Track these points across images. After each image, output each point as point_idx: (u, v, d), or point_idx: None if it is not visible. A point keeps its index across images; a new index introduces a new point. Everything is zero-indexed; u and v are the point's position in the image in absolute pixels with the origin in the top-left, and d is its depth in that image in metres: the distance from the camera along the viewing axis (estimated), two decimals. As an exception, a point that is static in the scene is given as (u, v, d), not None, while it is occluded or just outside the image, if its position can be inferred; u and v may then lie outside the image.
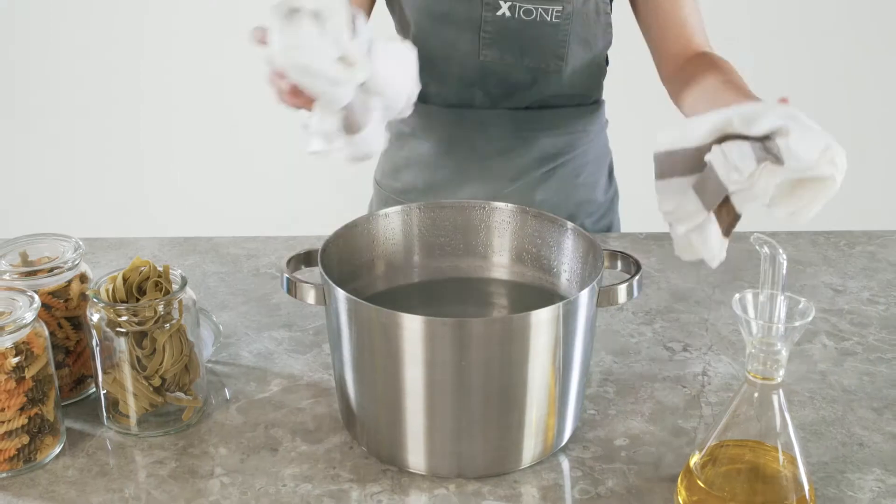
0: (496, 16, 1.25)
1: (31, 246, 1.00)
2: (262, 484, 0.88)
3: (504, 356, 0.84)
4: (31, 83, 2.96)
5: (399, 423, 0.87)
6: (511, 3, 1.24)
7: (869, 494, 0.87)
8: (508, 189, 1.36)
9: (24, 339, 0.87)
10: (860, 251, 1.33)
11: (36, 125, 3.00)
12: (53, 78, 2.94)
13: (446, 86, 1.32)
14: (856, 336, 1.12)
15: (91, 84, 2.94)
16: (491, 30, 1.26)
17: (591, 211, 1.43)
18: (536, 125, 1.35)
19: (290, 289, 0.91)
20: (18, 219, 2.81)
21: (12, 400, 0.87)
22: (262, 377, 1.04)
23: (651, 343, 1.11)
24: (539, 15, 1.25)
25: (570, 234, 0.98)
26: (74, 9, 2.86)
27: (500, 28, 1.26)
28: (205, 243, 1.35)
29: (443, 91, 1.33)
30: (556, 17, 1.25)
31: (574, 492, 0.87)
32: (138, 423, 0.94)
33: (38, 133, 3.00)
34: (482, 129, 1.34)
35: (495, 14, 1.25)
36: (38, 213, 2.94)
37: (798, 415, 0.98)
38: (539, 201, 1.38)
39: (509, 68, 1.29)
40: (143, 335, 0.92)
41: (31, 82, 2.96)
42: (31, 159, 3.02)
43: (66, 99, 2.96)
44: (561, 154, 1.38)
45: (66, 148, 3.00)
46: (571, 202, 1.41)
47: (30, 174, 3.03)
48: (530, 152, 1.36)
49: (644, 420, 0.97)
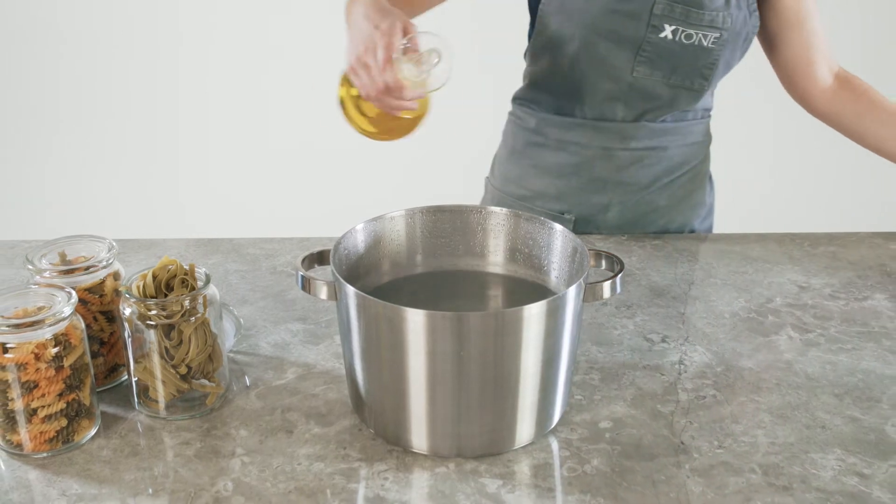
0: (658, 37, 1.23)
1: (69, 246, 1.00)
2: (279, 463, 0.88)
3: (499, 347, 0.84)
4: (72, 96, 2.96)
5: (403, 408, 0.87)
6: (675, 27, 1.22)
7: (830, 472, 0.87)
8: (637, 197, 1.35)
9: (62, 331, 0.87)
10: (823, 251, 1.33)
11: (75, 138, 3.00)
12: (92, 92, 2.94)
13: (593, 99, 1.30)
14: (819, 328, 1.12)
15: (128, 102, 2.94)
16: (650, 49, 1.24)
17: (701, 213, 1.43)
18: (668, 137, 1.34)
19: (305, 285, 0.91)
20: (58, 222, 2.81)
21: (52, 386, 0.87)
22: (279, 366, 1.04)
23: (632, 335, 1.10)
24: (698, 40, 1.23)
25: (559, 235, 0.98)
26: (112, 17, 2.85)
27: (659, 49, 1.24)
28: (227, 244, 1.35)
29: (587, 104, 1.31)
30: (712, 43, 1.24)
31: (563, 470, 0.87)
32: (166, 407, 0.94)
33: (76, 144, 3.00)
34: (620, 141, 1.32)
35: (658, 36, 1.23)
36: (75, 217, 2.94)
37: (766, 400, 0.97)
38: (663, 207, 1.37)
39: (655, 85, 1.28)
40: (171, 327, 0.91)
41: (72, 95, 2.96)
42: (71, 168, 3.02)
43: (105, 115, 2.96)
44: (686, 163, 1.38)
45: (101, 158, 3.01)
46: (687, 206, 1.41)
47: (69, 182, 3.03)
48: (661, 162, 1.35)
49: (626, 405, 0.97)
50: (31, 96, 2.97)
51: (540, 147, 1.36)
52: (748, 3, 1.26)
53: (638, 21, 1.22)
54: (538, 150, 1.37)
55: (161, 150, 3.00)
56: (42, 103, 2.97)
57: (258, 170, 2.94)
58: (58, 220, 2.91)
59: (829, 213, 2.76)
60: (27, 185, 3.04)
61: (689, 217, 1.41)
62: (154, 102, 2.94)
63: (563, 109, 1.33)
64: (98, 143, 3.00)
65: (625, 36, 1.24)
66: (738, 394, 0.99)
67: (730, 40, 1.25)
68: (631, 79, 1.27)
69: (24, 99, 2.97)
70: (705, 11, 1.22)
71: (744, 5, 1.26)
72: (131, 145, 2.99)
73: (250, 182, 2.96)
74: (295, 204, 2.86)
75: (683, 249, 1.33)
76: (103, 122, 2.97)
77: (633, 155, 1.33)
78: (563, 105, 1.33)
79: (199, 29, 2.80)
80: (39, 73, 2.93)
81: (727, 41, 1.25)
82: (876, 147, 1.34)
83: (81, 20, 2.86)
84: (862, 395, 0.99)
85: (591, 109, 1.31)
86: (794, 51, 1.33)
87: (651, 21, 1.22)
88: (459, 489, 0.84)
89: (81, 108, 2.97)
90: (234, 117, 2.87)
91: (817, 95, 1.36)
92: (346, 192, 2.78)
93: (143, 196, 2.99)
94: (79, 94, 2.95)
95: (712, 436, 0.92)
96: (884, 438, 0.91)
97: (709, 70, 1.27)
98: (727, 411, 0.96)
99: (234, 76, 2.82)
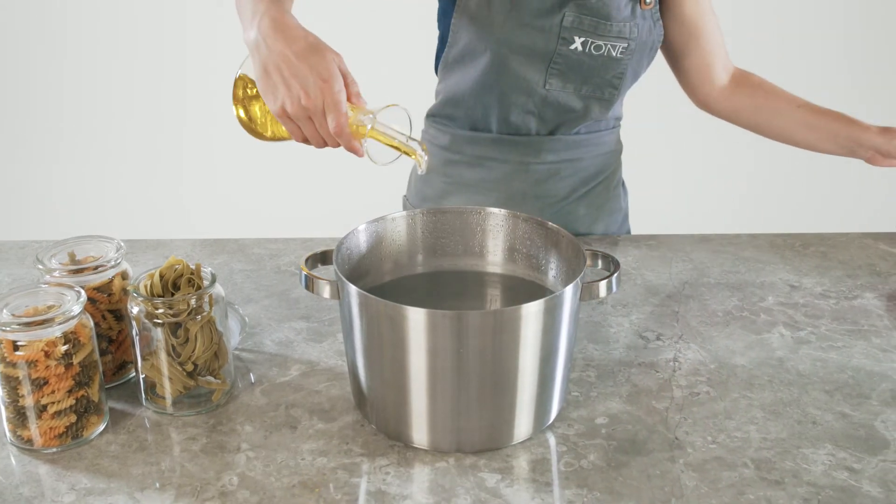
0: (569, 49, 1.23)
1: (78, 247, 1.00)
2: (283, 457, 0.88)
3: (497, 344, 0.84)
4: (81, 103, 2.96)
5: (404, 404, 0.87)
6: (585, 39, 1.22)
7: (821, 467, 0.87)
8: (555, 209, 1.35)
9: (71, 329, 0.87)
10: (813, 251, 1.33)
11: (84, 142, 3.00)
12: (100, 98, 2.94)
13: (506, 114, 1.29)
14: (810, 326, 1.12)
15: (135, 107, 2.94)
16: (561, 62, 1.24)
17: (618, 219, 1.44)
18: (583, 149, 1.34)
19: (308, 284, 0.91)
20: (68, 223, 2.81)
21: (61, 383, 0.87)
22: (283, 363, 1.04)
23: (628, 333, 1.10)
24: (607, 50, 1.23)
25: (557, 236, 0.98)
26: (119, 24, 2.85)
27: (570, 61, 1.24)
28: (232, 244, 1.35)
29: (502, 119, 1.30)
30: (621, 53, 1.25)
31: (560, 465, 0.87)
32: (173, 403, 0.94)
33: (86, 148, 3.00)
34: (536, 155, 1.31)
35: (568, 48, 1.23)
36: (84, 218, 2.94)
37: (758, 396, 0.97)
38: (582, 216, 1.38)
39: (568, 97, 1.27)
40: (178, 326, 0.91)
41: (81, 102, 2.96)
42: (80, 171, 3.02)
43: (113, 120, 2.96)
44: (601, 172, 1.37)
45: (110, 161, 3.01)
46: (605, 213, 1.41)
47: (79, 185, 3.03)
48: (577, 173, 1.35)
49: (622, 401, 0.97)
50: (43, 103, 2.97)
51: (456, 164, 1.34)
52: (652, 14, 1.27)
53: (548, 34, 1.22)
54: (454, 167, 1.35)
55: (168, 153, 3.00)
56: (52, 110, 2.97)
57: (262, 171, 2.95)
58: (67, 221, 2.91)
59: (820, 214, 2.76)
60: (38, 188, 3.04)
61: (608, 224, 1.42)
62: (161, 108, 2.94)
63: (477, 125, 1.31)
64: (106, 146, 3.00)
65: (536, 49, 1.23)
66: (731, 390, 0.99)
67: (637, 50, 1.26)
68: (544, 92, 1.26)
69: (35, 105, 2.97)
70: (613, 23, 1.22)
71: (648, 16, 1.26)
72: (139, 148, 2.99)
73: (255, 184, 2.96)
74: (298, 205, 2.87)
75: (678, 249, 1.33)
76: (111, 126, 2.98)
77: (549, 168, 1.32)
78: (477, 121, 1.31)
79: (204, 34, 2.79)
80: (53, 82, 2.93)
81: (634, 51, 1.26)
82: (778, 136, 1.36)
83: (90, 27, 2.87)
84: (852, 391, 0.99)
85: (506, 124, 1.30)
86: (694, 59, 1.36)
87: (561, 34, 1.22)
88: (459, 483, 0.84)
89: (90, 113, 2.97)
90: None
91: (715, 96, 1.38)
92: (349, 194, 2.78)
93: (151, 197, 2.99)
94: (88, 100, 2.96)
95: (706, 431, 0.92)
96: (873, 434, 0.91)
97: (618, 80, 1.27)
98: (720, 407, 0.96)
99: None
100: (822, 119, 1.32)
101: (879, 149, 1.27)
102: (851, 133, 1.29)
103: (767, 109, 1.35)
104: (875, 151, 1.28)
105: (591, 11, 1.21)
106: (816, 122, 1.32)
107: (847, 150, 1.31)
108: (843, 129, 1.30)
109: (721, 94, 1.38)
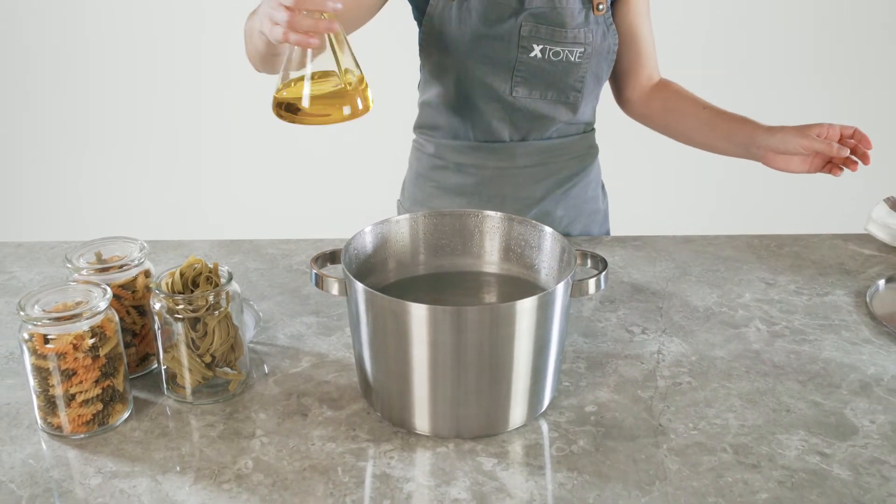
0: (529, 57, 1.23)
1: (104, 247, 1.00)
2: (295, 443, 0.88)
3: (494, 338, 0.84)
4: (108, 112, 2.96)
5: (408, 393, 0.87)
6: (543, 47, 1.22)
7: (795, 451, 0.87)
8: (534, 209, 1.35)
9: (98, 324, 0.87)
10: (788, 251, 1.33)
11: (110, 148, 3.00)
12: (125, 108, 2.94)
13: (481, 122, 1.29)
14: (784, 321, 1.12)
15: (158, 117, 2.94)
16: (523, 70, 1.24)
17: (598, 219, 1.44)
18: (555, 153, 1.34)
19: (318, 282, 0.91)
20: (95, 225, 2.81)
21: (89, 374, 0.87)
22: (295, 355, 1.04)
23: (615, 327, 1.10)
24: (566, 56, 1.24)
25: (549, 237, 0.98)
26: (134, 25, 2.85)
27: (531, 68, 1.24)
28: (247, 244, 1.35)
29: (479, 127, 1.30)
30: (578, 58, 1.25)
31: (552, 450, 0.87)
32: (192, 393, 0.94)
33: (111, 155, 3.00)
34: (510, 160, 1.31)
35: (529, 56, 1.23)
36: (110, 220, 2.95)
37: (736, 386, 0.97)
38: (560, 216, 1.37)
39: (535, 103, 1.27)
40: (197, 320, 0.91)
41: (108, 112, 2.96)
42: (106, 177, 3.02)
43: (136, 129, 2.96)
44: (575, 175, 1.37)
45: (134, 167, 3.01)
46: (584, 214, 1.40)
47: (105, 189, 3.03)
48: (550, 176, 1.35)
49: (609, 390, 0.97)
50: (72, 118, 2.97)
51: (441, 169, 1.35)
52: (605, 19, 1.27)
53: (508, 44, 1.22)
54: (440, 173, 1.36)
55: (188, 161, 3.00)
56: (80, 125, 2.98)
57: (276, 176, 2.95)
58: (95, 223, 2.91)
59: (794, 217, 2.76)
60: (67, 193, 3.04)
61: (587, 224, 1.41)
62: (181, 121, 2.95)
63: (457, 134, 1.32)
64: (132, 154, 3.00)
65: (498, 59, 1.24)
66: (711, 380, 0.99)
67: (594, 54, 1.26)
68: (511, 99, 1.26)
69: (64, 119, 2.97)
70: (567, 29, 1.23)
71: (602, 21, 1.26)
72: (162, 156, 3.00)
73: (269, 188, 2.96)
74: (309, 208, 2.87)
75: (661, 250, 1.33)
76: (136, 136, 2.98)
77: (524, 172, 1.33)
78: (457, 130, 1.32)
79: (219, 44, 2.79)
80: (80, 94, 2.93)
81: (591, 55, 1.26)
82: (683, 137, 1.35)
83: (109, 36, 2.86)
84: (823, 381, 0.99)
85: (481, 132, 1.30)
86: (625, 64, 1.36)
87: (520, 42, 1.22)
88: (458, 467, 0.84)
89: (115, 125, 2.97)
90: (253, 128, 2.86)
91: (635, 99, 1.38)
92: (349, 196, 2.78)
93: (172, 201, 3.00)
94: (114, 110, 2.96)
95: (687, 418, 0.92)
96: (843, 421, 0.91)
97: (580, 83, 1.27)
98: (701, 396, 0.96)
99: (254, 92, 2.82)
100: (721, 120, 1.28)
101: (772, 147, 1.20)
102: (746, 132, 1.24)
103: (676, 112, 1.34)
104: (768, 150, 1.22)
105: (547, 20, 1.22)
106: (716, 122, 1.29)
107: (743, 149, 1.26)
108: (738, 128, 1.26)
109: (640, 98, 1.38)
